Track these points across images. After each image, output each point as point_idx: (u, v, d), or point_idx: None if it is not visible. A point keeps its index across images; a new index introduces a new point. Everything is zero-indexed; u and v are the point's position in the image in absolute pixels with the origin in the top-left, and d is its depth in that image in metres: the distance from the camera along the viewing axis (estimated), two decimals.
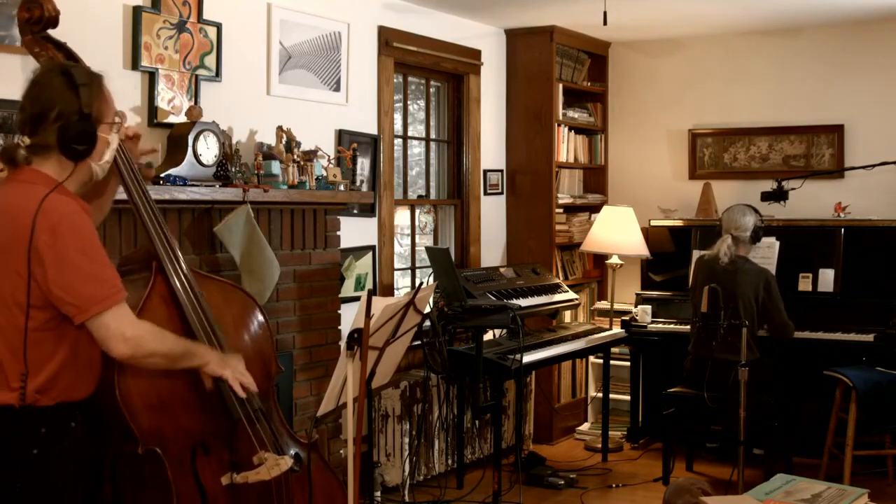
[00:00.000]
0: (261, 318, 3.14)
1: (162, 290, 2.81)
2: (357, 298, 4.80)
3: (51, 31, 2.76)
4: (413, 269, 5.83)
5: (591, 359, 6.46)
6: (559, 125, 6.32)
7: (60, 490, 2.44)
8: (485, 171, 6.17)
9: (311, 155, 4.42)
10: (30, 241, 2.30)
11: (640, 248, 6.09)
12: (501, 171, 6.36)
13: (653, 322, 5.93)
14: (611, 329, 6.00)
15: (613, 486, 5.34)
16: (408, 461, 4.99)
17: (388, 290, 5.33)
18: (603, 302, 6.67)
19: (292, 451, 3.04)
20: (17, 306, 2.35)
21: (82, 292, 2.34)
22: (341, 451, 4.60)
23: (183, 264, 2.86)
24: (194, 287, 2.86)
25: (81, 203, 2.46)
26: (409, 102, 5.74)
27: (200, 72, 4.16)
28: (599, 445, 5.92)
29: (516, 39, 6.31)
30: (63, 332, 2.40)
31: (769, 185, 5.57)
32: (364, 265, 5.11)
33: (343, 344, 3.11)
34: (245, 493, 2.85)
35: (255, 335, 3.10)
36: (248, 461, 2.85)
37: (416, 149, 5.91)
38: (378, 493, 4.87)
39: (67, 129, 2.39)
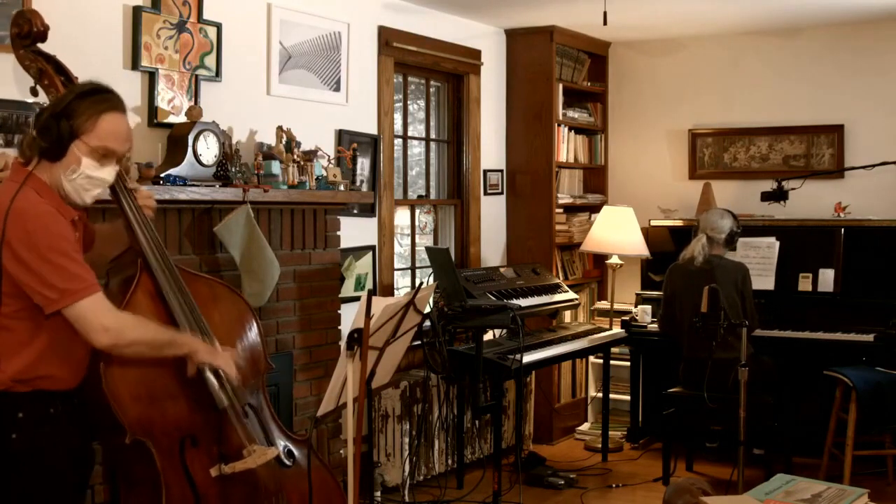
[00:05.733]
0: (250, 315, 3.16)
1: (148, 286, 2.85)
2: (357, 298, 4.80)
3: (43, 44, 2.80)
4: (413, 269, 5.83)
5: (591, 359, 6.46)
6: (559, 125, 6.32)
7: (46, 477, 2.47)
8: (485, 171, 6.17)
9: (311, 155, 4.42)
10: (2, 235, 2.36)
11: (640, 248, 6.09)
12: (501, 171, 6.36)
13: (653, 322, 5.91)
14: (611, 329, 6.00)
15: (613, 486, 5.34)
16: (408, 461, 4.99)
17: (388, 290, 5.33)
18: (603, 302, 6.67)
19: (282, 445, 3.07)
20: None
21: (53, 285, 2.41)
22: (341, 451, 4.61)
23: (170, 262, 2.89)
24: (181, 284, 2.89)
25: (63, 207, 2.50)
26: (409, 102, 5.74)
27: (200, 72, 4.16)
28: (599, 445, 5.92)
29: (516, 39, 6.31)
30: (40, 321, 2.46)
31: (769, 185, 5.57)
32: (364, 265, 5.11)
33: (343, 344, 3.11)
34: (235, 487, 2.87)
35: (244, 331, 3.12)
36: (238, 455, 2.88)
37: (416, 149, 5.91)
38: (378, 493, 4.87)
39: (37, 120, 2.49)
